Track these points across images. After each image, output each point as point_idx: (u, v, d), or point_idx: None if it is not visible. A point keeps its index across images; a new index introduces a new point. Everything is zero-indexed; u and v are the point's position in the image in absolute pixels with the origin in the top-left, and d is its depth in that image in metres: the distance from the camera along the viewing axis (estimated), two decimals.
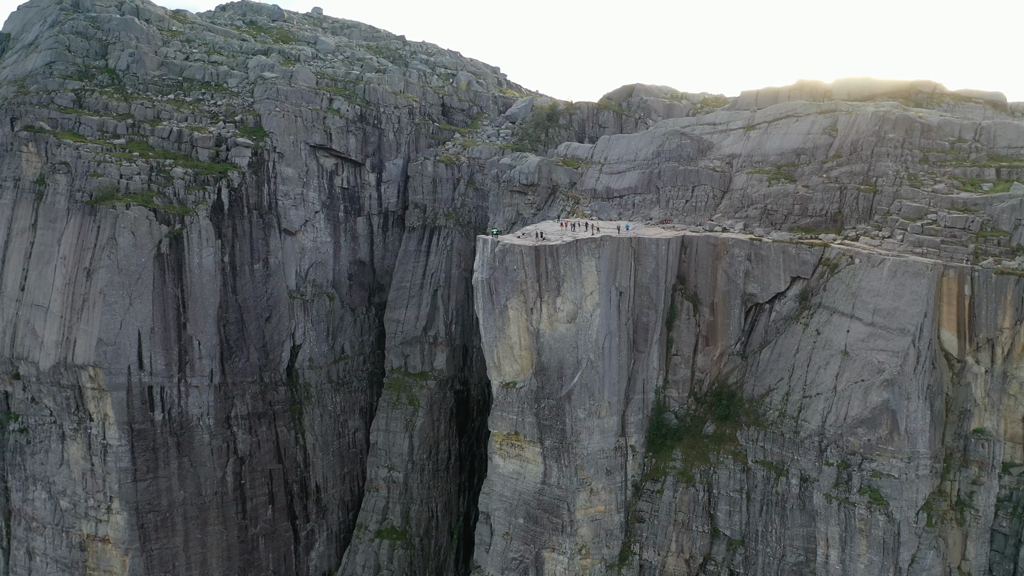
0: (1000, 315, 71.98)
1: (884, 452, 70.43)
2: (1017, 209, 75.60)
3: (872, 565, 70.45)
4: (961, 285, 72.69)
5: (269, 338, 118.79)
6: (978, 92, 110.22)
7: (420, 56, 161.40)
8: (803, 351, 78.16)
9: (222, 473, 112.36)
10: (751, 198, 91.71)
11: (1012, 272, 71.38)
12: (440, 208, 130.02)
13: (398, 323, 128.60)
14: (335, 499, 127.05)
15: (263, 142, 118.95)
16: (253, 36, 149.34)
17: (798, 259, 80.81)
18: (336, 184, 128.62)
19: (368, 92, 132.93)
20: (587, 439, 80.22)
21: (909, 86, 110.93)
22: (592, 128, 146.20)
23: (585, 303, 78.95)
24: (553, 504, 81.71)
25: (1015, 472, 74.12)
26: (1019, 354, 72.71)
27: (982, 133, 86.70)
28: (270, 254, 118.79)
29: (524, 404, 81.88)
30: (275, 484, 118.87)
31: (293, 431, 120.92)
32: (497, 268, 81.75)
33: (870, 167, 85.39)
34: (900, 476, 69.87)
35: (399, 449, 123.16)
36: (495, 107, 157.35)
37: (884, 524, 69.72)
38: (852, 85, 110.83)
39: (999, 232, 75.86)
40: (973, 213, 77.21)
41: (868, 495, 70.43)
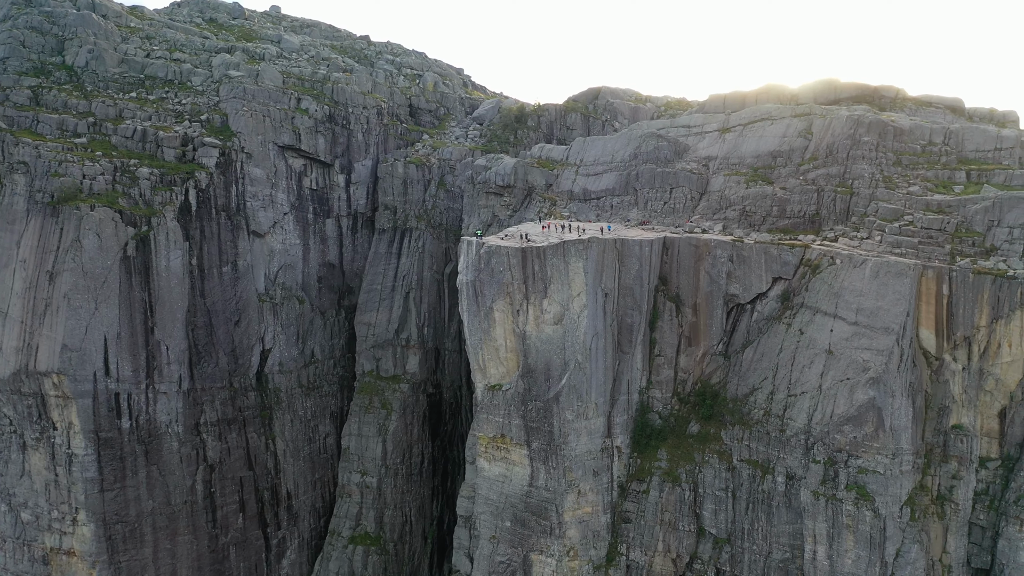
0: (977, 314, 74.11)
1: (869, 449, 71.92)
2: (990, 211, 77.96)
3: (859, 560, 71.87)
4: (940, 285, 74.67)
5: (238, 342, 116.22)
6: (938, 97, 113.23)
7: (385, 56, 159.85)
8: (787, 350, 79.36)
9: (192, 481, 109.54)
10: (729, 200, 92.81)
11: (988, 272, 73.58)
12: (411, 210, 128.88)
13: (369, 326, 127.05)
14: (306, 506, 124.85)
15: (231, 142, 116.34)
16: (214, 34, 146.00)
17: (780, 260, 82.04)
18: (305, 185, 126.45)
19: (336, 92, 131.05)
20: (575, 441, 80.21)
21: (873, 91, 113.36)
22: (560, 130, 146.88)
23: (572, 304, 78.93)
24: (541, 506, 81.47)
25: (991, 466, 76.39)
26: (995, 351, 74.96)
27: (951, 137, 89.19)
28: (239, 256, 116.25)
29: (511, 406, 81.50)
30: (245, 491, 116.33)
31: (263, 437, 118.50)
32: (483, 270, 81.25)
33: (846, 169, 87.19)
34: (885, 472, 71.43)
35: (372, 454, 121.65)
36: (462, 108, 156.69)
37: (871, 519, 71.21)
38: (818, 89, 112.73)
39: (973, 233, 78.13)
40: (947, 215, 79.39)
41: (855, 491, 71.86)
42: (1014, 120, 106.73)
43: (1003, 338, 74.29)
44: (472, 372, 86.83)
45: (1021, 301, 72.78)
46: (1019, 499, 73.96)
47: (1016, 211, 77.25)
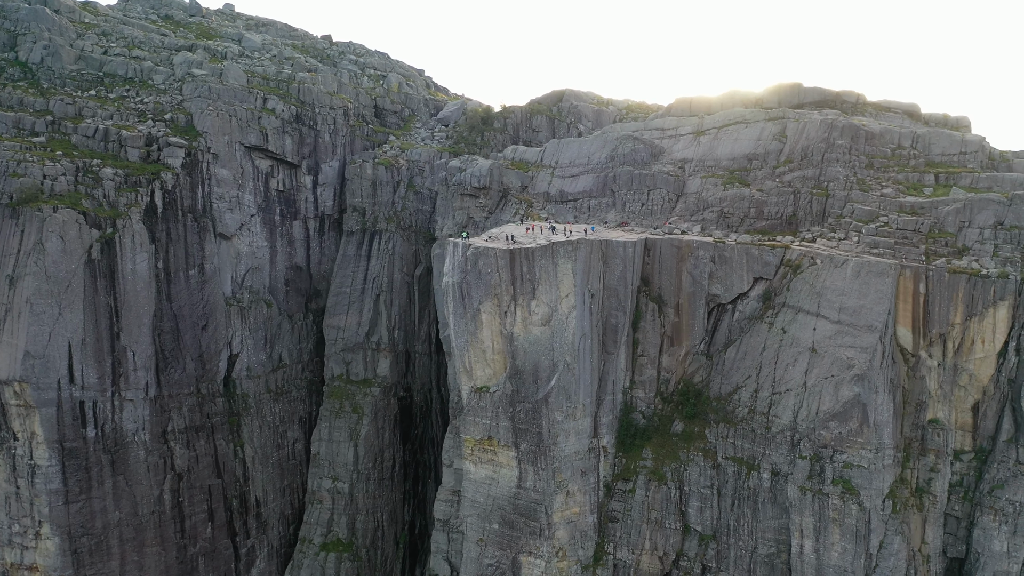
0: (952, 311, 76.78)
1: (854, 444, 73.85)
2: (961, 212, 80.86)
3: (845, 552, 73.73)
4: (916, 284, 77.13)
5: (206, 347, 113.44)
6: (896, 102, 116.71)
7: (348, 56, 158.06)
8: (770, 349, 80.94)
9: (159, 491, 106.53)
10: (707, 201, 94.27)
11: (963, 271, 76.31)
12: (380, 212, 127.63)
13: (338, 329, 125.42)
14: (275, 513, 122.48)
15: (197, 142, 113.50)
16: (172, 31, 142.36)
17: (761, 260, 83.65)
18: (272, 186, 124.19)
19: (303, 92, 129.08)
20: (564, 441, 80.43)
21: (835, 95, 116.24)
22: (526, 132, 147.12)
23: (560, 306, 79.14)
24: (530, 508, 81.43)
25: (965, 459, 79.22)
26: (968, 348, 77.75)
27: (918, 141, 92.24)
28: (205, 259, 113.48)
29: (498, 408, 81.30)
30: (214, 500, 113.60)
31: (232, 444, 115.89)
32: (469, 272, 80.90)
33: (821, 172, 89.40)
34: (869, 466, 73.42)
35: (344, 459, 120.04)
36: (426, 110, 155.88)
37: (856, 513, 73.13)
38: (782, 93, 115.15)
39: (946, 234, 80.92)
40: (921, 216, 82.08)
41: (841, 486, 73.71)
42: (967, 126, 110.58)
43: (976, 335, 77.11)
44: (457, 374, 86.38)
45: (994, 299, 75.69)
46: (993, 490, 76.86)
47: (985, 213, 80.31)
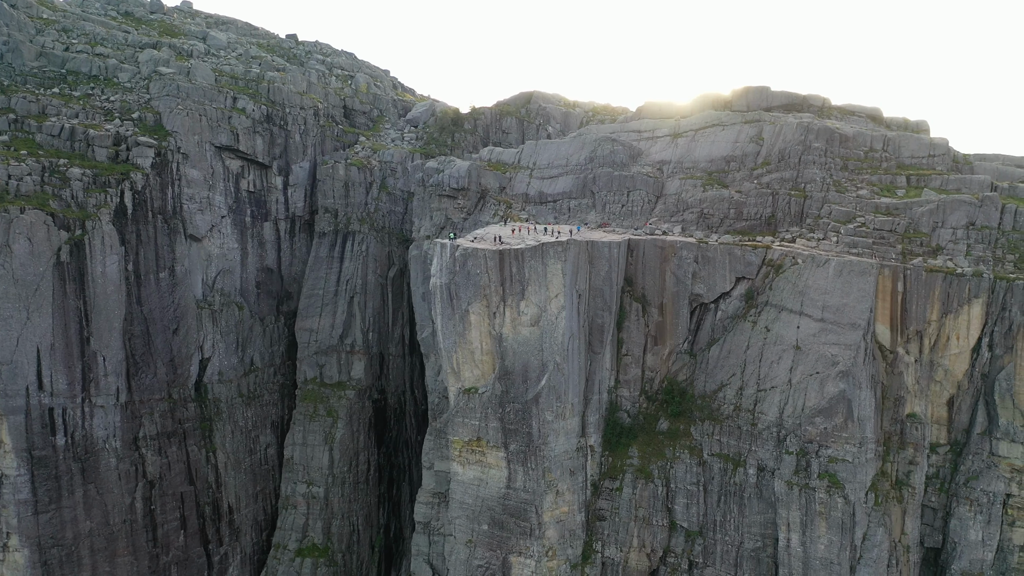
0: (929, 309, 79.29)
1: (839, 439, 75.74)
2: (934, 213, 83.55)
3: (831, 545, 75.53)
4: (895, 282, 79.43)
5: (177, 351, 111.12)
6: (859, 107, 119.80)
7: (316, 56, 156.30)
8: (754, 347, 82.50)
9: (131, 499, 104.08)
10: (686, 203, 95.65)
11: (939, 270, 78.88)
12: (353, 213, 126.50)
13: (311, 332, 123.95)
14: (248, 519, 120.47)
15: (166, 142, 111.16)
16: (134, 28, 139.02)
17: (743, 260, 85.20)
18: (242, 187, 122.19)
19: (273, 92, 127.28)
20: (554, 441, 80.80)
21: (802, 99, 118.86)
22: (496, 133, 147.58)
23: (550, 306, 79.50)
24: (520, 508, 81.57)
25: (941, 451, 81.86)
26: (944, 344, 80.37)
27: (889, 144, 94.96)
28: (176, 262, 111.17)
29: (488, 409, 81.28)
30: (187, 507, 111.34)
31: (204, 450, 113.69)
32: (458, 272, 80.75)
33: (798, 174, 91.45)
34: (853, 460, 75.39)
35: (319, 463, 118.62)
36: (395, 110, 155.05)
37: (842, 506, 74.98)
38: (751, 96, 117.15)
39: (920, 234, 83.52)
40: (896, 217, 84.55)
41: (827, 480, 75.51)
42: (926, 129, 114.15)
43: (952, 331, 79.76)
44: (444, 376, 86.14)
45: (968, 297, 78.41)
46: (968, 481, 79.57)
47: (957, 213, 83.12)
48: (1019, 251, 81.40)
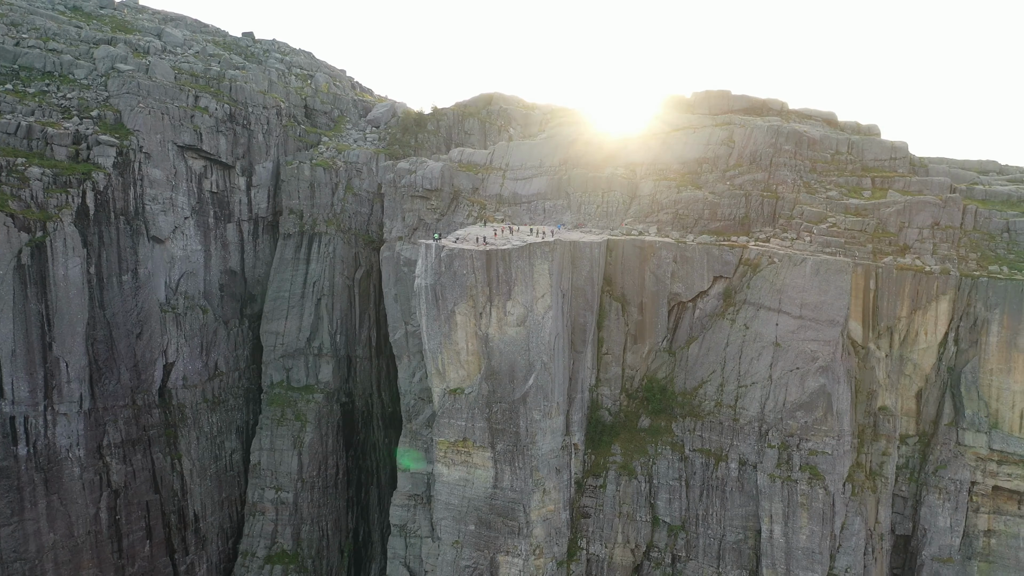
0: (899, 305, 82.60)
1: (819, 432, 78.27)
2: (901, 214, 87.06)
3: (813, 535, 77.96)
4: (867, 280, 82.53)
5: (141, 356, 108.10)
6: (815, 111, 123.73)
7: (274, 55, 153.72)
8: (733, 344, 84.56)
9: (95, 509, 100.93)
10: (661, 203, 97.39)
11: (909, 268, 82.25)
12: (319, 214, 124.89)
13: (277, 335, 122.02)
14: (214, 527, 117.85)
15: (128, 141, 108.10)
16: (85, 23, 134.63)
17: (721, 259, 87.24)
18: (205, 188, 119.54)
19: (235, 90, 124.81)
20: (541, 440, 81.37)
21: (761, 103, 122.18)
22: (458, 135, 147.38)
23: (536, 306, 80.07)
24: (507, 508, 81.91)
25: (910, 442, 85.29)
26: (913, 339, 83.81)
27: (853, 147, 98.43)
28: (139, 264, 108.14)
29: (474, 410, 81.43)
30: (152, 517, 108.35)
31: (169, 457, 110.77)
32: (443, 273, 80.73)
33: (770, 175, 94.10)
34: (833, 452, 77.99)
35: (287, 468, 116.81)
36: (355, 110, 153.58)
37: (823, 497, 77.46)
38: (711, 100, 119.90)
39: (889, 233, 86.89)
40: (865, 217, 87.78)
41: (808, 472, 77.94)
42: (877, 133, 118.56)
43: (920, 327, 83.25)
44: (429, 377, 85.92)
45: (936, 293, 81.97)
46: (937, 470, 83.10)
47: (923, 214, 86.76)
48: (980, 249, 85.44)
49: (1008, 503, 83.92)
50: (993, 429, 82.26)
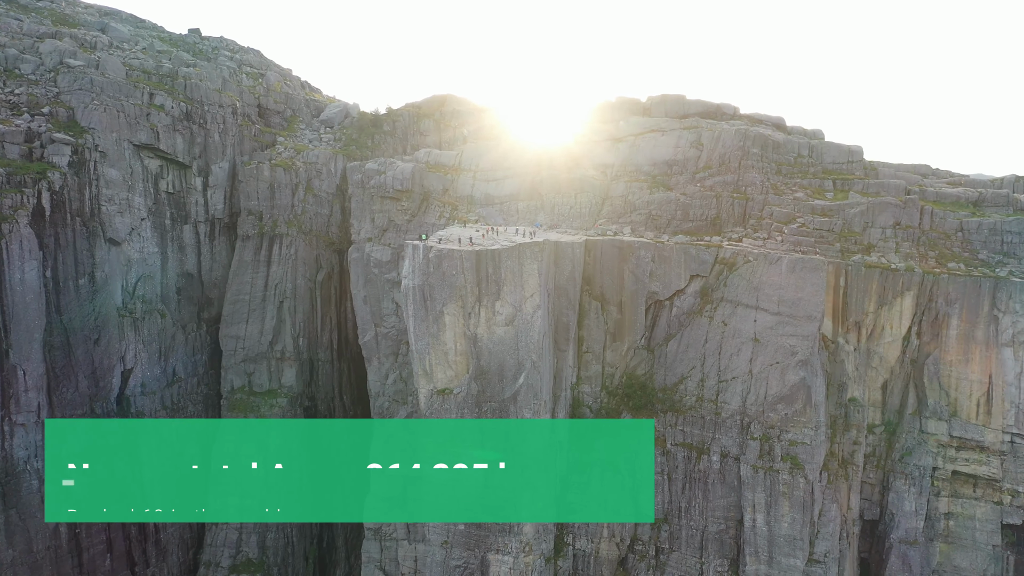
0: (867, 301, 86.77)
1: (798, 423, 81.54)
2: (865, 214, 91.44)
3: (794, 522, 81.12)
4: (837, 278, 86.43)
5: (99, 363, 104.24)
6: (765, 115, 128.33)
7: (223, 53, 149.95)
8: (712, 340, 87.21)
9: (55, 524, 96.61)
10: (634, 204, 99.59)
11: (876, 266, 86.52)
12: (280, 215, 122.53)
13: (238, 339, 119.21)
14: (174, 538, 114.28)
15: (83, 139, 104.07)
16: (25, 16, 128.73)
17: (698, 259, 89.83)
18: (161, 188, 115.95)
19: (190, 88, 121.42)
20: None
21: (716, 108, 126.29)
22: (414, 136, 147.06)
23: (525, 305, 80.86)
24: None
25: (877, 431, 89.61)
26: (879, 333, 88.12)
27: (813, 151, 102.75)
28: (96, 267, 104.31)
29: (463, 409, 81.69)
30: (112, 530, 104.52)
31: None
32: (432, 274, 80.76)
33: (739, 177, 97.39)
34: (811, 442, 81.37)
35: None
36: (308, 110, 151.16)
37: (803, 485, 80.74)
38: (668, 103, 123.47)
39: (853, 233, 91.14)
40: (831, 217, 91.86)
41: (789, 462, 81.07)
42: (821, 137, 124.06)
43: (886, 322, 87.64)
44: (415, 377, 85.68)
45: (901, 290, 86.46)
46: (903, 457, 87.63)
47: (885, 214, 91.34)
48: (938, 248, 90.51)
49: (965, 487, 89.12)
50: (953, 417, 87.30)
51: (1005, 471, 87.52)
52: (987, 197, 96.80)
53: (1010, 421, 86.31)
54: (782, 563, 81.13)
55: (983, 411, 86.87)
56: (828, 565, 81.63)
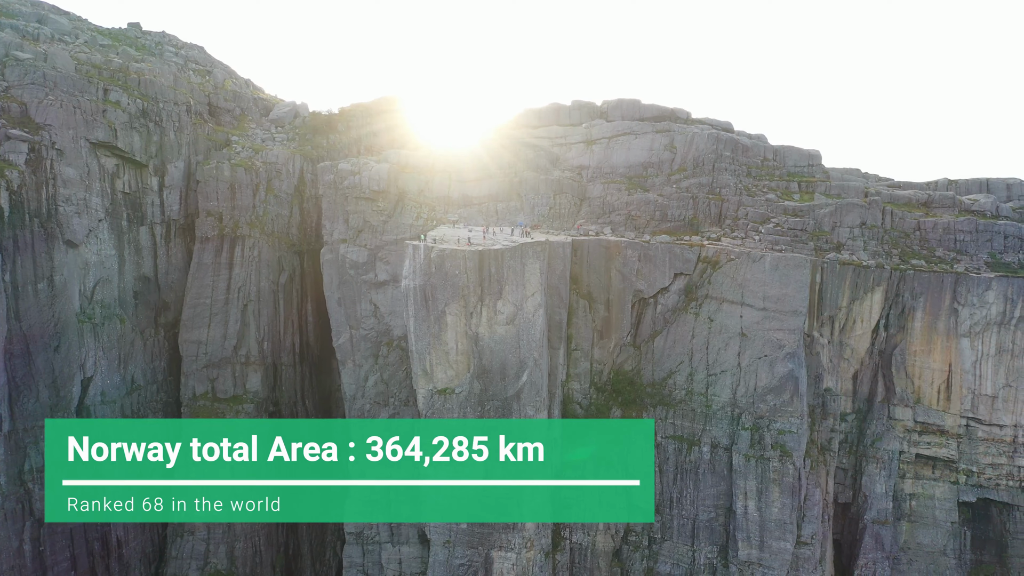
0: (840, 296, 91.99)
1: (786, 413, 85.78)
2: (833, 215, 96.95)
3: (784, 507, 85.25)
4: (814, 274, 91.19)
5: (59, 372, 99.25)
6: (714, 120, 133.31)
7: (168, 48, 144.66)
8: (699, 336, 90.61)
9: (18, 542, 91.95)
10: (612, 205, 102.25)
11: (849, 263, 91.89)
12: (241, 216, 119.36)
13: (200, 344, 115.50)
14: (136, 553, 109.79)
15: (39, 136, 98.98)
16: None
17: (682, 257, 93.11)
18: (118, 188, 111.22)
19: (144, 84, 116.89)
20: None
21: (671, 112, 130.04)
22: (367, 136, 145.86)
23: (526, 304, 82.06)
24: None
25: (849, 419, 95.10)
26: (851, 327, 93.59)
27: (777, 154, 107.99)
28: (55, 271, 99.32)
29: (466, 409, 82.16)
30: (76, 546, 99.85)
31: None
32: (434, 274, 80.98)
33: (713, 179, 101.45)
34: (797, 431, 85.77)
35: None
36: (256, 109, 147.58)
37: (792, 472, 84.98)
38: (624, 107, 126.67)
39: (823, 232, 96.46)
40: (803, 218, 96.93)
41: (779, 450, 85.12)
42: (764, 141, 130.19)
43: (857, 316, 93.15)
44: (414, 378, 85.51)
45: (872, 285, 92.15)
46: (874, 443, 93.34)
47: (852, 215, 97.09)
48: (900, 246, 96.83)
49: (925, 468, 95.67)
50: (917, 404, 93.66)
51: (961, 452, 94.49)
52: (935, 199, 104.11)
53: (967, 406, 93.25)
54: (773, 546, 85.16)
55: (943, 397, 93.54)
56: (815, 546, 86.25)
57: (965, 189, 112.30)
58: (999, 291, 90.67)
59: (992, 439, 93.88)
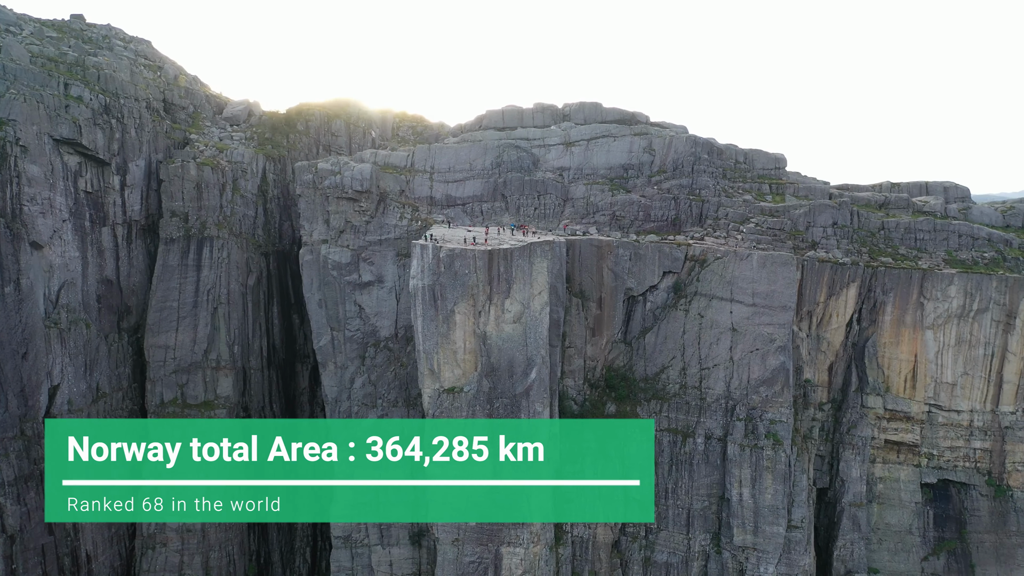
0: (819, 292, 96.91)
1: (776, 403, 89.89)
2: (807, 215, 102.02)
3: (776, 493, 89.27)
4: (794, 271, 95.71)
5: (27, 380, 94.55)
6: (671, 124, 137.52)
7: (116, 42, 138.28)
8: (690, 332, 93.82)
9: None
10: (596, 206, 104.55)
11: (827, 260, 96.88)
12: (209, 217, 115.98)
13: (167, 349, 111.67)
14: (105, 567, 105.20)
15: (3, 131, 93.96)
16: None
17: (671, 256, 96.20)
18: (80, 187, 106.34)
19: (104, 79, 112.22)
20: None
21: (631, 115, 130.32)
22: (326, 136, 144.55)
23: (533, 303, 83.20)
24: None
25: (825, 408, 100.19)
26: (827, 321, 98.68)
27: (748, 157, 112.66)
28: (21, 273, 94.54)
29: (475, 407, 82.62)
30: (48, 561, 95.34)
31: None
32: (443, 273, 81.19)
33: (693, 181, 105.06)
34: (787, 421, 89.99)
35: None
36: (209, 107, 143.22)
37: (784, 459, 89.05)
38: (586, 111, 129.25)
39: (799, 232, 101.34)
40: (780, 218, 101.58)
41: (772, 439, 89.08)
42: (733, 145, 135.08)
43: (833, 310, 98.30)
44: (420, 377, 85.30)
45: (847, 282, 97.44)
46: (849, 430, 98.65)
47: (824, 215, 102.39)
48: (868, 244, 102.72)
49: (891, 453, 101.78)
50: (887, 392, 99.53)
51: (923, 437, 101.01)
52: (892, 200, 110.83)
53: (930, 393, 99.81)
54: (766, 531, 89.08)
55: (909, 386, 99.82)
56: (804, 529, 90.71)
57: (907, 191, 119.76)
58: (960, 286, 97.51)
59: (951, 424, 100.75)
